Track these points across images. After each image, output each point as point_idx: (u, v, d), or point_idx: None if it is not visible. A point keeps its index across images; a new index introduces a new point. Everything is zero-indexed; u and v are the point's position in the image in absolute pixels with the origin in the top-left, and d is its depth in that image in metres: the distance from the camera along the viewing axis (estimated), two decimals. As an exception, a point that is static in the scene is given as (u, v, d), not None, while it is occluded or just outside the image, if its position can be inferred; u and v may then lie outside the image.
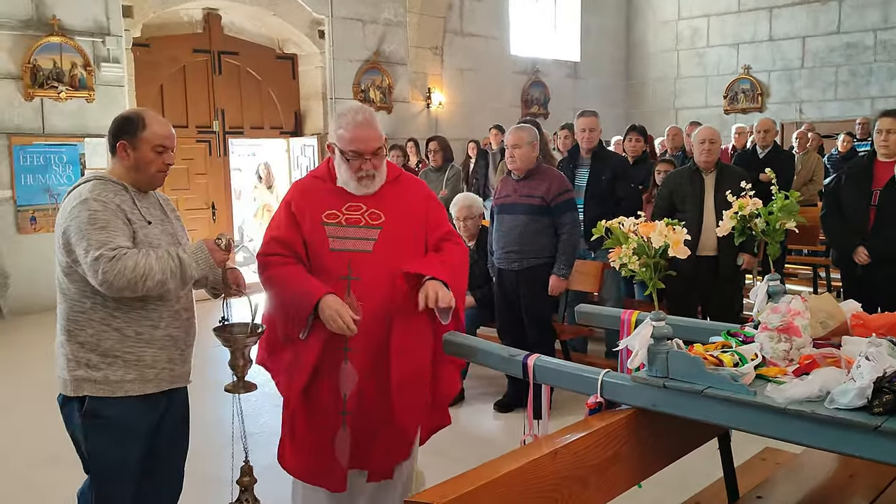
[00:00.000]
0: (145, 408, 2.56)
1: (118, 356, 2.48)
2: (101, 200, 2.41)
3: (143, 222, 2.52)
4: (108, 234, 2.37)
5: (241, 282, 2.70)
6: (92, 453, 2.53)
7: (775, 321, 2.21)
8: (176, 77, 9.54)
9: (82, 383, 2.47)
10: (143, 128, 2.51)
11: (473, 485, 1.70)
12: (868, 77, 12.43)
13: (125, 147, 2.51)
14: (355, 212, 2.72)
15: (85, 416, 2.49)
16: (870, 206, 4.49)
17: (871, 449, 1.74)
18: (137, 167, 2.54)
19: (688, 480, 3.13)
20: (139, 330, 2.50)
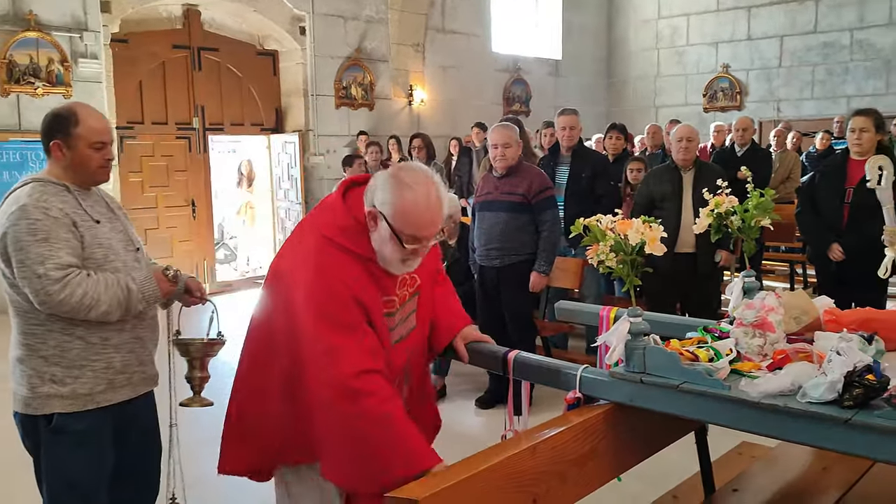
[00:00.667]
0: (114, 417, 2.46)
1: (85, 366, 2.35)
2: (42, 207, 2.27)
3: (90, 222, 2.39)
4: (49, 247, 2.24)
5: (202, 289, 2.64)
6: (56, 470, 2.39)
7: (750, 317, 2.25)
8: (155, 73, 9.46)
9: (49, 400, 2.33)
10: (76, 124, 2.36)
11: (454, 479, 1.72)
12: (844, 76, 12.58)
13: (60, 147, 2.37)
14: (402, 287, 2.23)
15: (52, 432, 2.36)
16: (843, 203, 4.56)
17: (842, 441, 1.78)
18: (76, 166, 2.39)
19: (665, 475, 3.16)
20: (104, 335, 2.38)
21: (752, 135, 7.30)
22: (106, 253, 2.40)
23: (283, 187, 10.68)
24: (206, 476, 3.83)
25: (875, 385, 1.79)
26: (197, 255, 9.81)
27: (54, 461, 2.39)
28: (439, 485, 1.68)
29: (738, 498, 2.51)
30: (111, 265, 2.40)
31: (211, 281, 9.83)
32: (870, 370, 1.83)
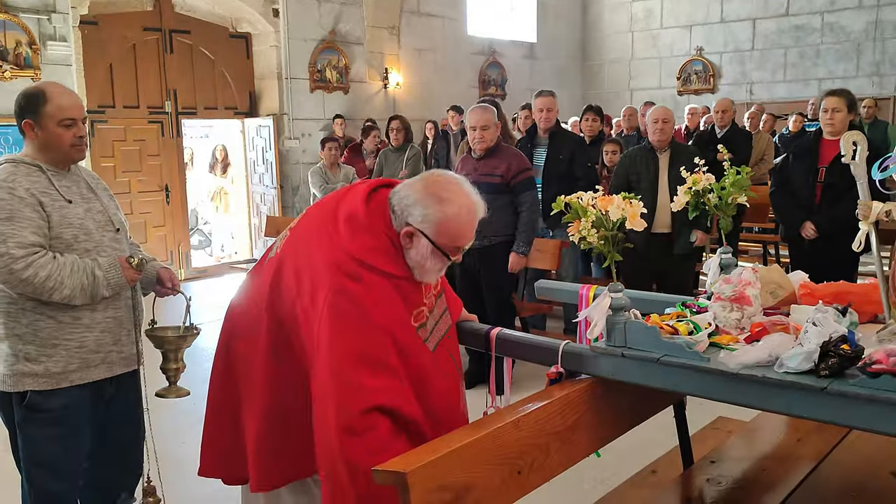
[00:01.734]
0: (91, 396, 2.46)
1: (58, 344, 2.37)
2: (7, 187, 2.28)
3: (61, 202, 2.38)
4: (12, 226, 2.25)
5: (174, 280, 2.63)
6: (31, 448, 2.41)
7: (727, 291, 2.29)
8: (126, 56, 9.31)
9: (23, 378, 2.36)
10: (44, 103, 2.36)
11: (439, 453, 1.74)
12: (815, 59, 12.72)
13: (31, 126, 2.38)
14: (427, 294, 2.20)
15: (26, 409, 2.38)
16: (816, 182, 4.63)
17: (819, 410, 1.82)
18: (49, 145, 2.40)
19: (643, 451, 3.22)
20: (76, 314, 2.38)
21: (731, 116, 7.36)
22: (76, 233, 2.39)
23: (258, 172, 10.60)
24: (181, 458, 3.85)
25: (850, 354, 1.84)
26: (171, 241, 9.72)
27: (28, 438, 2.41)
28: (426, 458, 1.70)
29: (716, 469, 2.56)
30: (81, 246, 2.39)
31: (186, 267, 9.75)
32: (844, 340, 1.88)
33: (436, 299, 2.23)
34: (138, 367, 2.60)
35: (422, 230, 2.04)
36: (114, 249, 2.48)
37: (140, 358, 2.60)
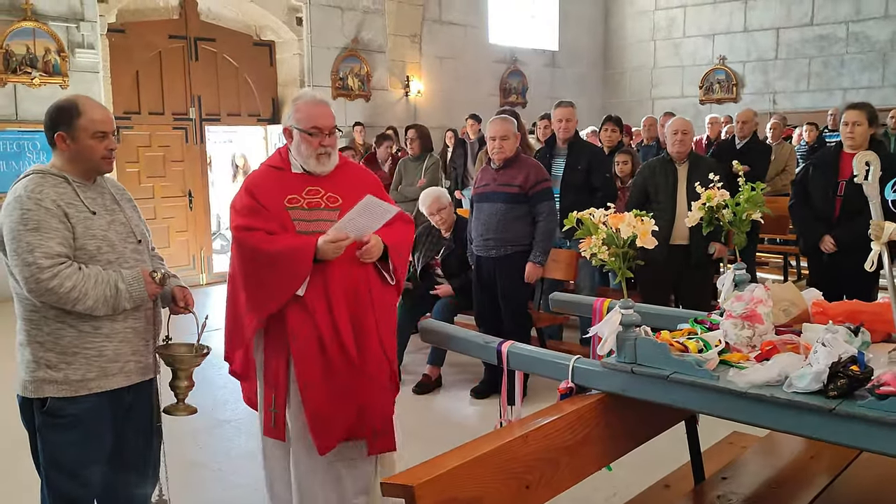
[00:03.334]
0: (109, 404, 2.50)
1: (78, 353, 2.41)
2: (35, 198, 2.32)
3: (86, 213, 2.42)
4: (39, 236, 2.30)
5: (188, 300, 2.67)
6: (50, 453, 2.45)
7: (739, 309, 2.30)
8: (152, 63, 9.45)
9: (43, 384, 2.40)
10: (78, 115, 2.41)
11: (447, 467, 1.76)
12: (840, 69, 12.61)
13: (63, 138, 2.42)
14: (315, 196, 2.86)
15: (46, 415, 2.42)
16: (836, 196, 4.60)
17: (827, 430, 1.83)
18: (80, 157, 2.45)
19: (656, 465, 3.21)
20: (96, 324, 2.42)
21: (752, 128, 7.30)
22: (99, 245, 2.44)
23: (280, 178, 10.69)
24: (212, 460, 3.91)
25: (859, 376, 1.85)
26: (194, 246, 9.83)
27: (47, 443, 2.45)
28: (434, 472, 1.73)
29: (727, 485, 2.56)
30: (104, 257, 2.44)
31: (208, 272, 9.86)
32: (854, 361, 1.88)
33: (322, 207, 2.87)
34: (154, 376, 2.64)
35: (290, 125, 2.89)
36: (136, 261, 2.53)
37: (157, 368, 2.65)
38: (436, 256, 5.23)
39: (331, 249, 2.70)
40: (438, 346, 3.19)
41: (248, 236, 2.80)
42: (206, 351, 2.61)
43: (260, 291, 2.81)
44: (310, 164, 2.86)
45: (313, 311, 2.74)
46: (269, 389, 2.86)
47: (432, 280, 5.26)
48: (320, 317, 2.74)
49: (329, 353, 2.76)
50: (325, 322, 2.74)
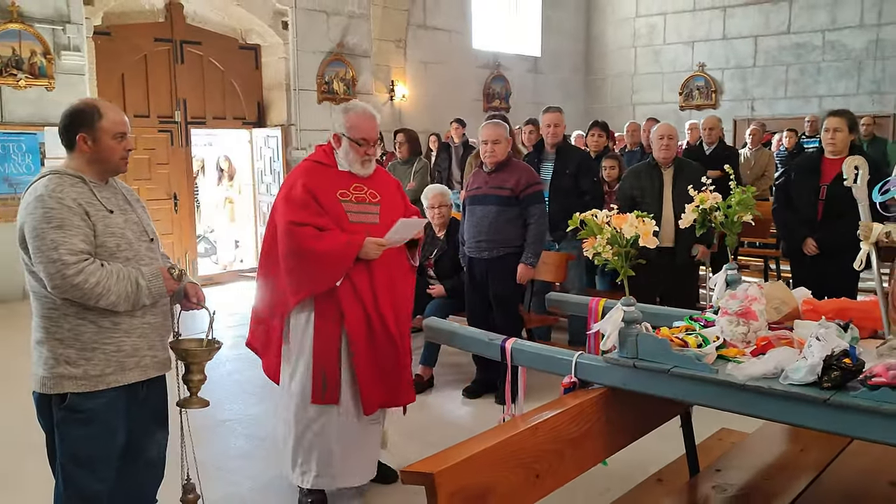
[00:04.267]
0: (126, 398, 2.56)
1: (97, 348, 2.46)
2: (57, 197, 2.38)
3: (104, 212, 2.49)
4: (63, 233, 2.35)
5: (200, 295, 2.73)
6: (69, 447, 2.49)
7: (734, 306, 2.40)
8: (137, 66, 9.44)
9: (62, 380, 2.45)
10: (100, 117, 2.49)
11: (463, 455, 1.84)
12: (816, 76, 12.88)
13: (85, 139, 2.49)
14: (360, 192, 3.36)
15: (66, 410, 2.47)
16: (818, 199, 4.74)
17: (821, 420, 1.93)
18: (100, 158, 2.52)
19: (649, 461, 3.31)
20: (115, 320, 2.48)
21: (719, 134, 7.49)
22: (118, 242, 2.50)
23: (266, 181, 10.71)
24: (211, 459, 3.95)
25: (851, 368, 1.95)
26: (179, 249, 9.81)
27: (67, 439, 2.49)
28: (452, 460, 1.80)
29: (721, 477, 2.66)
30: (122, 254, 2.50)
31: (193, 275, 9.85)
32: (846, 354, 1.98)
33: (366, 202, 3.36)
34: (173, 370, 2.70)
35: (341, 132, 3.33)
36: (150, 259, 2.59)
37: (172, 362, 2.70)
38: (429, 257, 5.31)
39: (373, 251, 3.22)
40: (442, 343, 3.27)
41: (300, 231, 3.22)
42: (218, 345, 2.67)
43: (301, 280, 3.26)
44: (355, 168, 3.36)
45: (360, 292, 3.25)
46: (319, 363, 3.28)
47: (425, 281, 5.34)
48: (366, 298, 3.26)
49: (374, 330, 3.29)
50: (370, 302, 3.26)
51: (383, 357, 3.34)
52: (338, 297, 3.27)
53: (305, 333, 3.33)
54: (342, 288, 3.27)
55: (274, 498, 3.63)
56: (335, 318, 3.29)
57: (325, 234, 3.22)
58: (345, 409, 3.34)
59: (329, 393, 3.30)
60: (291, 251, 3.25)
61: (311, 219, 3.23)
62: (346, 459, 3.37)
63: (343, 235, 3.23)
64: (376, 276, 3.30)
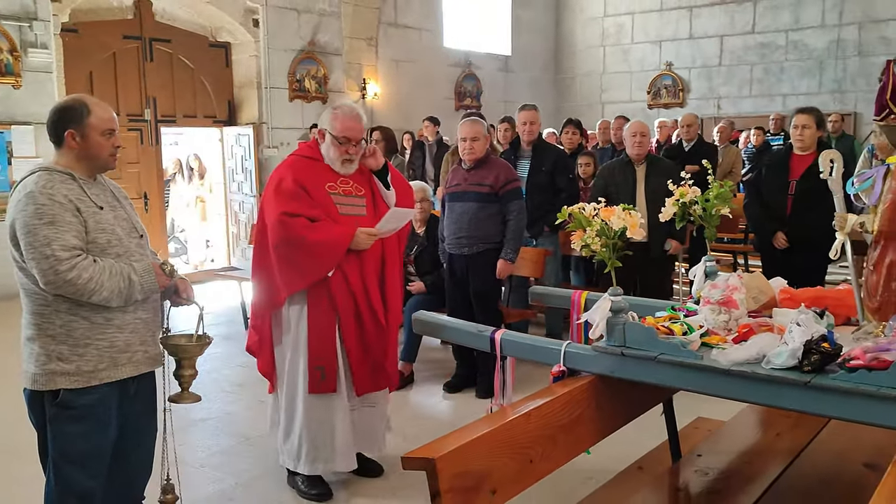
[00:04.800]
0: (118, 393, 2.56)
1: (90, 344, 2.46)
2: (48, 193, 2.38)
3: (94, 208, 2.49)
4: (55, 229, 2.36)
5: (189, 291, 2.73)
6: (61, 444, 2.49)
7: (716, 295, 2.48)
8: (106, 64, 9.32)
9: (55, 377, 2.45)
10: (88, 114, 2.49)
11: (462, 441, 1.89)
12: (780, 75, 13.16)
13: (73, 136, 2.49)
14: (346, 185, 3.45)
15: (58, 407, 2.46)
16: (787, 195, 4.87)
17: (803, 402, 2.02)
18: (89, 154, 2.52)
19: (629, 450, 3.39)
20: (108, 315, 2.49)
21: (696, 130, 7.64)
22: (109, 238, 2.50)
23: (237, 180, 10.64)
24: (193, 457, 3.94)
25: (830, 352, 2.04)
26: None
27: (59, 436, 2.49)
28: (451, 446, 1.86)
29: (703, 461, 2.74)
30: (113, 250, 2.51)
31: (165, 274, 9.74)
32: (825, 339, 2.07)
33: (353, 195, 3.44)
34: (163, 366, 2.71)
35: (325, 128, 3.41)
36: (141, 255, 2.59)
37: (163, 358, 2.71)
38: (409, 254, 5.35)
39: (364, 241, 3.31)
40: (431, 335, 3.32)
41: (292, 221, 3.27)
42: (209, 340, 2.68)
43: (293, 272, 3.32)
44: (335, 166, 3.43)
45: (352, 283, 3.34)
46: (315, 353, 3.36)
47: (406, 277, 5.38)
48: (357, 289, 3.35)
49: (364, 319, 3.39)
50: (361, 293, 3.36)
51: (372, 344, 3.45)
52: (330, 289, 3.33)
53: (300, 325, 3.39)
54: (334, 279, 3.34)
55: (260, 493, 3.64)
56: (329, 309, 3.37)
57: (318, 224, 3.29)
58: (341, 395, 3.43)
59: (327, 382, 3.37)
60: (284, 241, 3.30)
61: (303, 210, 3.30)
62: (346, 443, 3.46)
63: (335, 226, 3.30)
64: (367, 267, 3.39)
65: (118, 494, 2.72)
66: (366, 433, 3.62)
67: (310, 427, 3.43)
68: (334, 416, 3.43)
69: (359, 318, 3.40)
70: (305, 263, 3.31)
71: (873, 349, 1.98)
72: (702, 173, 3.16)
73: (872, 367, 1.92)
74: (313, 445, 3.44)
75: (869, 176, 2.33)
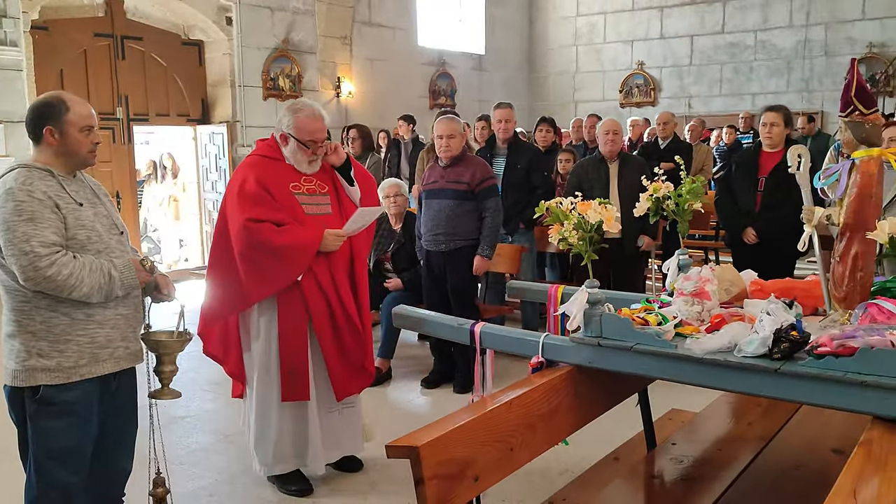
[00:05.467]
0: (99, 389, 2.57)
1: (70, 340, 2.47)
2: (27, 190, 2.39)
3: (73, 205, 2.49)
4: (34, 226, 2.36)
5: (170, 287, 2.75)
6: (42, 440, 2.49)
7: (689, 287, 2.55)
8: (76, 62, 9.22)
9: (35, 373, 2.45)
10: (66, 110, 2.49)
11: (445, 429, 1.94)
12: (749, 74, 13.38)
13: (52, 132, 2.48)
14: (310, 183, 3.42)
15: (39, 403, 2.46)
16: (757, 191, 4.98)
17: (773, 388, 2.09)
18: (67, 151, 2.51)
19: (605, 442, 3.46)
20: (88, 311, 2.49)
21: (673, 128, 7.76)
22: (89, 235, 2.51)
23: (211, 179, 10.59)
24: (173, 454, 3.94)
25: (799, 340, 2.11)
26: (123, 248, 9.63)
27: (40, 432, 2.49)
28: (434, 434, 1.90)
29: (678, 449, 2.82)
30: (93, 247, 2.51)
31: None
32: (794, 327, 2.14)
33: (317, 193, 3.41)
34: (144, 362, 2.72)
35: (287, 132, 3.35)
36: (121, 251, 2.59)
37: (144, 354, 2.72)
38: (386, 251, 5.38)
39: (332, 243, 3.29)
40: (411, 329, 3.35)
41: (258, 227, 3.22)
42: (190, 337, 2.70)
43: (261, 280, 3.26)
44: (302, 167, 3.41)
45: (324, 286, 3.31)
46: (287, 361, 3.27)
47: (382, 274, 5.41)
48: (329, 291, 3.33)
49: (338, 321, 3.38)
50: (333, 295, 3.34)
51: (349, 346, 3.44)
52: (302, 292, 3.30)
53: (270, 333, 3.36)
54: (305, 282, 3.30)
55: (241, 490, 3.66)
56: (300, 316, 3.34)
57: (284, 229, 3.24)
58: (314, 401, 3.42)
59: (300, 390, 3.36)
60: (251, 248, 3.24)
61: (268, 214, 3.23)
62: (317, 446, 3.45)
63: (302, 230, 3.26)
64: (337, 269, 3.37)
65: (98, 492, 2.72)
66: (350, 434, 3.63)
67: (282, 435, 3.42)
68: (308, 423, 3.43)
69: (333, 319, 3.38)
70: (274, 270, 3.26)
71: (840, 336, 2.05)
72: (675, 170, 3.23)
73: (839, 353, 2.00)
74: (288, 452, 3.45)
75: (835, 171, 2.41)
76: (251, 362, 3.46)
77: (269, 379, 3.39)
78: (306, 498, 3.52)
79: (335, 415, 3.54)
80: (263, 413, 3.44)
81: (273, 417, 3.42)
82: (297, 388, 3.35)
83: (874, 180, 2.35)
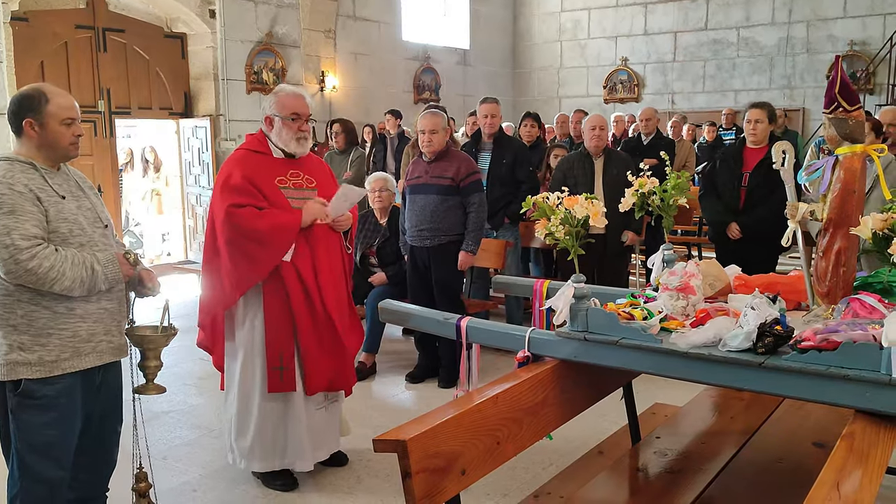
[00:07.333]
0: (82, 383, 2.55)
1: (52, 334, 2.45)
2: (7, 182, 2.37)
3: (55, 198, 2.47)
4: (15, 219, 2.34)
5: (154, 282, 2.73)
6: (25, 435, 2.47)
7: (674, 282, 2.57)
8: (57, 54, 9.11)
9: (16, 367, 2.43)
10: (46, 102, 2.47)
11: (432, 424, 1.94)
12: (732, 71, 13.47)
13: (32, 125, 2.47)
14: (297, 177, 3.42)
15: (20, 397, 2.44)
16: (741, 187, 5.02)
17: (757, 382, 2.11)
18: (48, 143, 2.49)
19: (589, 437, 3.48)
20: (70, 305, 2.47)
21: (656, 124, 7.78)
22: (71, 228, 2.48)
23: (194, 172, 10.51)
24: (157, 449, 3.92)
25: (783, 334, 2.13)
26: (104, 243, 9.55)
27: (23, 426, 2.47)
28: (422, 428, 1.90)
29: (662, 443, 2.83)
30: (76, 240, 2.49)
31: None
32: (778, 322, 2.17)
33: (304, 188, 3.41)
34: (128, 356, 2.70)
35: (271, 113, 3.38)
36: (105, 245, 2.57)
37: (128, 348, 2.70)
38: (371, 245, 5.37)
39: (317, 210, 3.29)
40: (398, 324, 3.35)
41: (240, 212, 3.23)
42: (174, 331, 2.68)
43: (246, 263, 3.27)
44: (290, 146, 3.39)
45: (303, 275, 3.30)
46: (274, 353, 3.28)
47: (367, 269, 5.40)
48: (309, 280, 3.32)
49: (316, 311, 3.36)
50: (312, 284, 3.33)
51: (325, 339, 3.42)
52: (284, 283, 3.30)
53: (255, 324, 3.35)
54: (287, 276, 3.29)
55: (225, 484, 3.64)
56: (284, 306, 3.33)
57: (265, 211, 3.26)
58: (299, 393, 3.41)
59: (286, 382, 3.35)
60: (235, 231, 3.25)
61: (250, 201, 3.26)
62: (303, 442, 3.43)
63: (285, 211, 3.28)
64: (318, 258, 3.37)
65: (83, 486, 2.71)
66: (333, 430, 3.64)
67: (264, 427, 3.41)
68: (291, 415, 3.42)
69: (312, 309, 3.36)
70: (259, 251, 3.25)
71: (823, 331, 2.08)
72: (659, 166, 3.26)
73: (822, 347, 2.02)
74: (270, 446, 3.44)
75: (818, 167, 2.44)
76: (233, 355, 3.45)
77: (253, 371, 3.38)
78: (291, 493, 3.51)
79: (322, 412, 3.53)
80: (245, 405, 3.43)
81: (255, 410, 3.41)
82: (284, 380, 3.35)
83: (857, 176, 2.37)
